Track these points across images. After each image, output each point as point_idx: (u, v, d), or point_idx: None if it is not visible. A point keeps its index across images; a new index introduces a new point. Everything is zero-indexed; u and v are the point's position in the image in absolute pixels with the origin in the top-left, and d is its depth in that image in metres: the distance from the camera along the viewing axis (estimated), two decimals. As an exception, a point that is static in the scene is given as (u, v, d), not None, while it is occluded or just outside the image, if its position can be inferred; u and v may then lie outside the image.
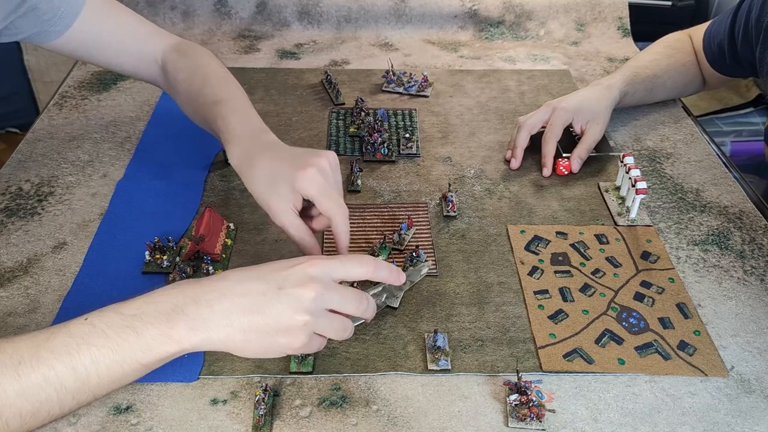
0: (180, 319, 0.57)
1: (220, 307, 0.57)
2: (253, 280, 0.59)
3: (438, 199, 0.95)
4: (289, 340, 0.58)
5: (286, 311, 0.57)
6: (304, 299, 0.57)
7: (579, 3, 1.42)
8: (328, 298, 0.59)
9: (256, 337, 0.58)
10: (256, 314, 0.57)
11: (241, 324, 0.57)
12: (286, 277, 0.58)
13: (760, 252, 0.88)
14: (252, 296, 0.58)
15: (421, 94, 1.20)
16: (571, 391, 0.70)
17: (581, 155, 1.00)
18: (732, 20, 1.03)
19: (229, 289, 0.58)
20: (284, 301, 0.57)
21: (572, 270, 0.84)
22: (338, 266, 0.61)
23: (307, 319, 0.57)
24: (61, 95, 1.18)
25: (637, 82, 1.08)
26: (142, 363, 0.57)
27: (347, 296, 0.61)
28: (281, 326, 0.57)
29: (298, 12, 1.40)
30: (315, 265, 0.59)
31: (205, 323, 0.57)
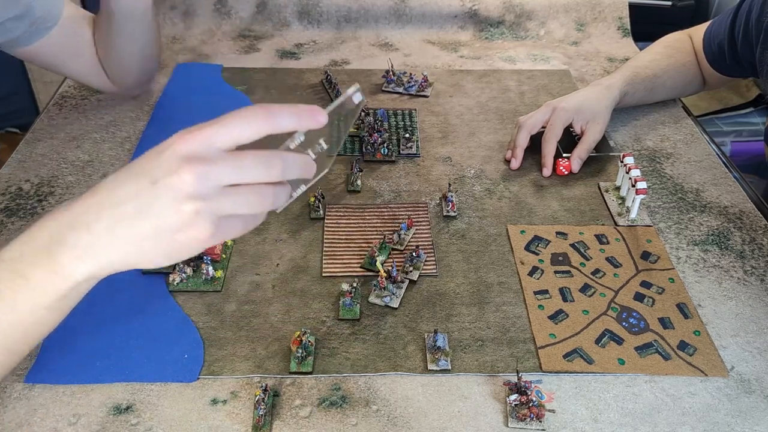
0: (61, 251, 0.50)
1: (98, 226, 0.49)
2: (124, 184, 0.50)
3: (438, 199, 0.95)
4: (191, 235, 0.49)
5: (168, 206, 0.48)
6: (182, 185, 0.48)
7: (579, 3, 1.42)
8: (215, 173, 0.48)
9: (152, 244, 0.50)
10: (137, 220, 0.49)
11: (127, 236, 0.49)
12: (158, 166, 0.49)
13: (760, 252, 0.88)
14: (126, 202, 0.49)
15: (421, 94, 1.20)
16: (571, 391, 0.70)
17: (581, 155, 1.00)
18: (732, 20, 1.03)
19: (102, 201, 0.50)
20: (161, 194, 0.48)
21: (572, 270, 0.84)
22: (216, 132, 0.49)
23: (197, 206, 0.48)
24: (61, 95, 1.18)
25: (637, 82, 1.08)
26: (42, 306, 0.52)
27: (244, 162, 0.49)
28: (172, 224, 0.49)
29: (298, 12, 1.40)
30: (186, 140, 0.49)
31: (90, 248, 0.50)
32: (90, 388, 0.69)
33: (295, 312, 0.78)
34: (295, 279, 0.82)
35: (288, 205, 0.55)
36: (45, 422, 0.66)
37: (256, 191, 0.50)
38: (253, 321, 0.77)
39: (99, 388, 0.69)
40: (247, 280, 0.82)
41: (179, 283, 0.80)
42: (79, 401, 0.68)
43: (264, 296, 0.80)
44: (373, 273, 0.82)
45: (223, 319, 0.77)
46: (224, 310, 0.78)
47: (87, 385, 0.69)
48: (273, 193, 0.51)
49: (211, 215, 0.49)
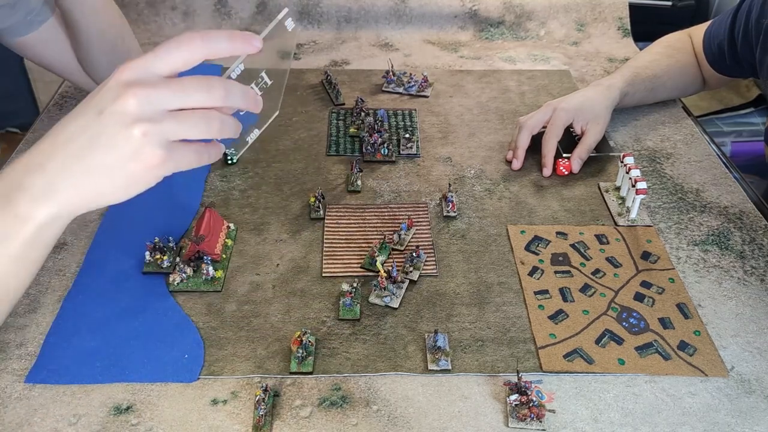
0: (19, 196, 0.50)
1: (52, 165, 0.49)
2: (71, 121, 0.50)
3: (438, 199, 0.95)
4: (143, 162, 0.49)
5: (116, 132, 0.48)
6: (126, 109, 0.48)
7: (579, 3, 1.42)
8: (158, 96, 0.48)
9: (107, 175, 0.49)
10: (88, 152, 0.49)
11: (81, 170, 0.49)
12: (102, 98, 0.49)
13: (760, 252, 0.88)
14: (76, 137, 0.49)
15: (421, 94, 1.20)
16: (571, 391, 0.70)
17: (581, 155, 1.00)
18: (732, 21, 1.03)
19: (54, 141, 0.50)
20: (108, 122, 0.48)
21: (572, 270, 0.84)
22: (155, 58, 0.49)
23: (144, 129, 0.48)
24: (61, 95, 1.18)
25: (637, 83, 1.08)
26: (9, 255, 0.51)
27: (185, 86, 0.49)
28: (122, 150, 0.48)
29: (298, 12, 1.40)
30: (127, 68, 0.49)
31: (47, 188, 0.50)
32: (90, 388, 0.69)
33: (295, 312, 0.78)
34: (295, 279, 0.82)
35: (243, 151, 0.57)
36: (45, 422, 0.66)
37: (201, 114, 0.50)
38: (254, 321, 0.77)
39: (99, 388, 0.69)
40: (247, 280, 0.82)
41: (179, 283, 0.80)
42: (79, 401, 0.68)
43: (264, 296, 0.80)
44: (373, 273, 0.82)
45: (223, 319, 0.77)
46: (224, 310, 0.78)
47: (87, 385, 0.69)
48: (219, 119, 0.51)
49: (159, 138, 0.49)
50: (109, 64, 1.06)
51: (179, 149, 0.51)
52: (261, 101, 0.55)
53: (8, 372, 0.71)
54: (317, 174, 1.00)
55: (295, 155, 1.04)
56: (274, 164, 1.02)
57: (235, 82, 0.53)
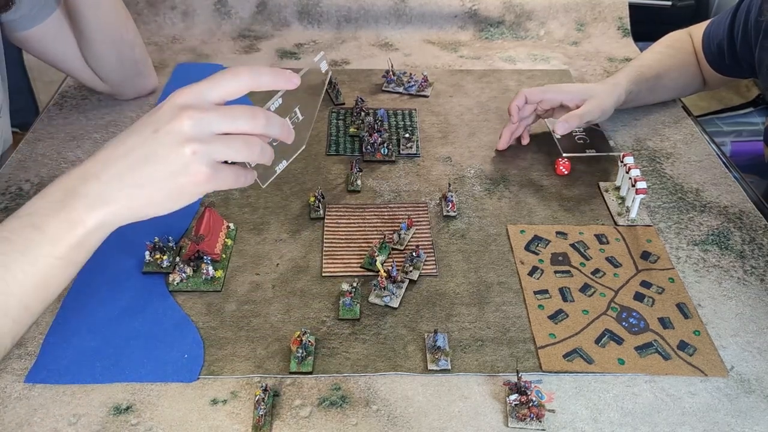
0: (75, 202, 0.55)
1: (107, 175, 0.55)
2: (128, 137, 0.56)
3: (438, 199, 0.95)
4: (190, 176, 0.55)
5: (169, 149, 0.54)
6: (181, 129, 0.54)
7: (579, 3, 1.42)
8: (209, 120, 0.54)
9: (156, 188, 0.55)
10: (143, 166, 0.54)
11: (134, 182, 0.55)
12: (159, 118, 0.55)
13: (760, 252, 0.88)
14: (132, 151, 0.55)
15: (421, 94, 1.20)
16: (571, 391, 0.70)
17: (569, 120, 0.95)
18: (731, 20, 1.03)
19: (110, 154, 0.56)
20: (163, 140, 0.54)
21: (572, 270, 0.84)
22: (208, 87, 0.56)
23: (194, 148, 0.54)
24: (61, 95, 1.18)
25: (642, 82, 1.07)
26: (56, 256, 0.55)
27: (233, 113, 0.56)
28: (173, 166, 0.54)
29: (298, 12, 1.40)
30: (182, 94, 0.55)
31: (100, 196, 0.55)
32: (90, 388, 0.69)
33: (295, 312, 0.78)
34: (295, 279, 0.82)
35: (271, 181, 0.64)
36: (45, 422, 0.66)
37: (244, 140, 0.56)
38: (253, 321, 0.77)
39: (99, 388, 0.69)
40: (247, 280, 0.82)
41: (179, 283, 0.80)
42: (79, 401, 0.68)
43: (264, 296, 0.80)
44: (373, 273, 0.82)
45: (223, 319, 0.77)
46: (224, 310, 0.78)
47: (87, 385, 0.69)
48: (260, 145, 0.57)
49: (207, 157, 0.54)
50: (113, 58, 1.07)
51: (222, 169, 0.56)
52: (293, 133, 0.60)
53: (8, 372, 0.71)
54: (317, 174, 1.00)
55: (295, 155, 1.04)
56: (274, 164, 1.02)
57: (275, 114, 0.59)
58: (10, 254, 0.54)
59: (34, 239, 0.54)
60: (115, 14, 1.03)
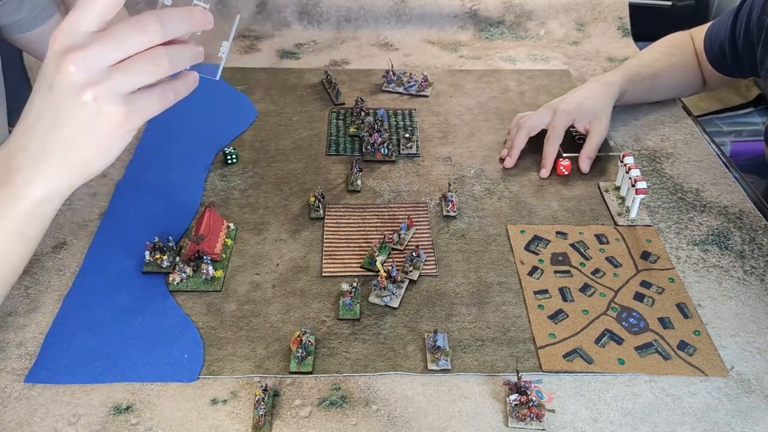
0: (12, 177, 0.52)
1: (32, 144, 0.51)
2: (33, 100, 0.51)
3: (438, 199, 0.95)
4: (107, 122, 0.49)
5: (69, 104, 0.49)
6: (70, 80, 0.48)
7: (579, 3, 1.42)
8: (92, 56, 0.48)
9: (81, 146, 0.51)
10: (55, 129, 0.50)
11: (56, 146, 0.51)
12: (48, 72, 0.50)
13: (760, 252, 0.88)
14: (40, 116, 0.51)
15: (421, 94, 1.20)
16: (571, 391, 0.70)
17: (590, 155, 1.00)
18: (733, 20, 1.03)
19: (25, 124, 0.52)
20: (59, 96, 0.49)
21: (572, 270, 0.84)
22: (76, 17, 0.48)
23: (93, 92, 0.48)
24: (61, 95, 1.18)
25: (637, 81, 1.08)
26: (7, 232, 0.53)
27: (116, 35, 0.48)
28: (82, 119, 0.49)
29: (298, 12, 1.40)
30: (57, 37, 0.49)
31: (35, 167, 0.52)
32: (90, 388, 0.69)
33: (295, 312, 0.78)
34: (295, 279, 0.82)
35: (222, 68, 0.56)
36: (45, 422, 0.66)
37: (145, 57, 0.49)
38: (253, 321, 0.77)
39: (99, 388, 0.69)
40: (247, 280, 0.82)
41: (179, 283, 0.80)
42: (79, 401, 0.68)
43: (264, 296, 0.80)
44: (373, 273, 0.82)
45: (223, 319, 0.77)
46: (224, 310, 0.78)
47: (87, 385, 0.69)
48: (167, 55, 0.50)
49: (112, 95, 0.49)
50: None
51: (139, 99, 0.50)
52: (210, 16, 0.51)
53: (8, 371, 0.71)
54: (317, 174, 1.00)
55: (295, 155, 1.04)
56: (274, 164, 1.02)
57: (170, 9, 0.50)
58: None
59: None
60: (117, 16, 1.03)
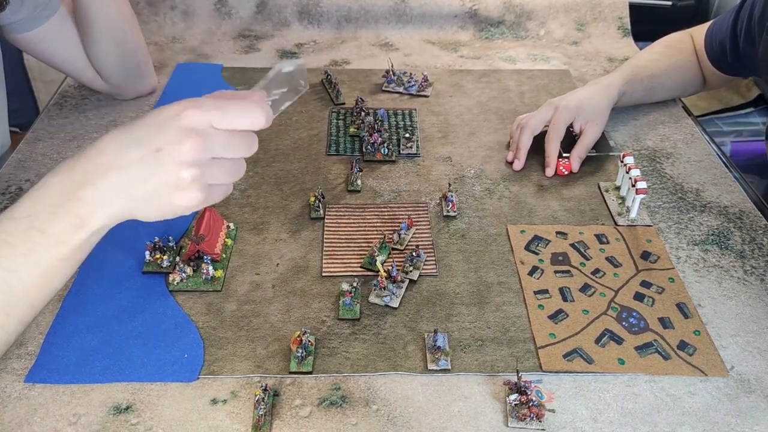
0: (77, 206, 0.55)
1: (105, 184, 0.55)
2: (129, 148, 0.55)
3: (438, 199, 0.95)
4: (182, 199, 0.56)
5: (169, 172, 0.55)
6: (184, 154, 0.54)
7: (579, 3, 1.42)
8: (210, 146, 0.55)
9: (151, 203, 0.56)
10: (140, 184, 0.55)
11: (130, 195, 0.56)
12: (161, 135, 0.55)
13: (760, 252, 0.88)
14: (132, 166, 0.55)
15: (421, 94, 1.20)
16: (571, 391, 0.70)
17: (581, 155, 1.00)
18: (734, 19, 1.03)
19: (108, 163, 0.55)
20: (164, 161, 0.54)
21: (572, 270, 0.84)
22: (217, 116, 0.56)
23: (194, 174, 0.55)
24: (61, 95, 1.18)
25: (636, 82, 1.08)
26: (60, 258, 0.56)
27: (233, 141, 0.57)
28: (170, 188, 0.55)
29: (298, 12, 1.40)
30: (191, 115, 0.55)
31: (99, 202, 0.56)
32: (90, 388, 0.69)
33: (295, 312, 0.78)
34: (295, 279, 0.82)
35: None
36: (45, 422, 0.66)
37: (236, 164, 0.59)
38: (253, 321, 0.77)
39: (99, 388, 0.69)
40: (247, 279, 0.82)
41: (179, 282, 0.80)
42: (79, 401, 0.68)
43: (264, 296, 0.80)
44: (373, 273, 0.82)
45: (223, 318, 0.77)
46: (224, 309, 0.78)
47: (87, 385, 0.69)
48: (245, 166, 0.60)
49: (203, 182, 0.56)
50: (117, 58, 1.07)
51: (213, 191, 0.58)
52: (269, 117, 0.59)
53: (8, 371, 0.71)
54: (317, 173, 1.00)
55: (295, 155, 1.04)
56: (274, 164, 1.02)
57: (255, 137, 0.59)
58: (14, 258, 0.55)
59: (38, 242, 0.55)
60: (122, 15, 1.03)
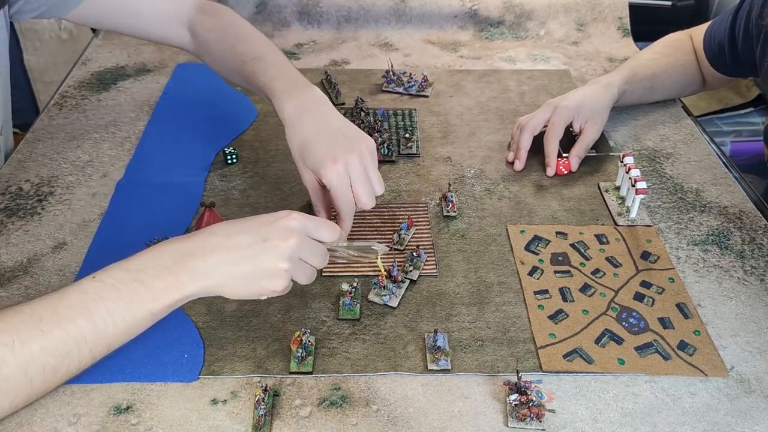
0: (181, 271, 0.63)
1: (212, 259, 0.64)
2: (239, 234, 0.65)
3: (438, 199, 0.95)
4: (272, 283, 0.65)
5: (270, 260, 0.64)
6: (285, 250, 0.64)
7: (579, 3, 1.42)
8: (303, 249, 0.66)
9: (245, 282, 0.65)
10: (243, 264, 0.64)
11: (232, 273, 0.64)
12: (271, 231, 0.65)
13: (760, 252, 0.88)
14: (240, 249, 0.64)
15: (421, 94, 1.20)
16: (571, 391, 0.70)
17: (579, 154, 1.00)
18: (732, 20, 1.03)
19: (219, 243, 0.65)
20: (268, 251, 0.64)
21: (572, 270, 0.84)
22: (315, 226, 0.68)
23: (287, 267, 0.65)
24: (61, 95, 1.18)
25: (635, 81, 1.08)
26: (152, 311, 0.63)
27: (317, 250, 0.68)
28: (266, 273, 0.65)
29: (298, 12, 1.40)
30: (295, 219, 0.67)
31: (202, 273, 0.64)
32: (90, 388, 0.69)
33: (295, 312, 0.78)
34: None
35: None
36: (45, 422, 0.66)
37: (312, 269, 0.68)
38: (253, 321, 0.77)
39: (99, 388, 0.69)
40: (247, 280, 0.82)
41: (179, 283, 0.80)
42: (79, 401, 0.68)
43: (264, 296, 0.80)
44: (373, 272, 0.82)
45: (223, 319, 0.77)
46: (224, 310, 0.78)
47: (87, 385, 0.69)
48: (315, 275, 0.69)
49: (290, 275, 0.66)
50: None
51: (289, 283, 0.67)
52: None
53: (8, 372, 0.71)
54: (317, 174, 1.00)
55: (295, 155, 1.04)
56: (274, 164, 1.02)
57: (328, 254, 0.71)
58: (117, 302, 0.62)
59: (140, 294, 0.62)
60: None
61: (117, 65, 1.27)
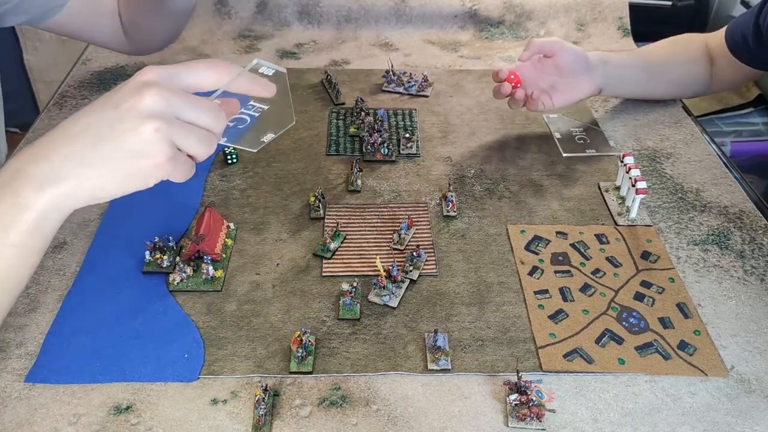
0: (22, 183, 0.50)
1: (58, 155, 0.51)
2: (86, 115, 0.52)
3: (438, 199, 0.95)
4: (149, 158, 0.51)
5: (129, 125, 0.50)
6: (144, 105, 0.50)
7: (579, 3, 1.42)
8: (174, 101, 0.51)
9: (112, 167, 0.51)
10: (100, 143, 0.50)
11: (88, 161, 0.50)
12: (121, 95, 0.51)
13: (760, 252, 0.88)
14: (89, 129, 0.51)
15: (421, 94, 1.20)
16: (571, 390, 0.70)
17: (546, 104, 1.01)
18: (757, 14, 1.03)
19: (62, 134, 0.52)
20: (123, 116, 0.50)
21: (572, 270, 0.84)
22: (181, 69, 0.53)
23: (156, 125, 0.50)
24: (61, 95, 1.18)
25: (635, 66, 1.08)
26: (10, 244, 0.51)
27: (200, 105, 0.52)
28: (132, 143, 0.50)
29: (298, 12, 1.40)
30: (149, 72, 0.52)
31: (49, 176, 0.50)
32: (90, 388, 0.69)
33: (295, 312, 0.78)
34: (295, 279, 0.82)
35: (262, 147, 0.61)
36: (45, 422, 0.66)
37: (206, 135, 0.53)
38: (253, 321, 0.77)
39: (99, 388, 0.69)
40: (247, 279, 0.82)
41: (179, 282, 0.80)
42: (79, 401, 0.68)
43: (264, 296, 0.80)
44: (373, 272, 0.82)
45: (223, 318, 0.77)
46: (224, 309, 0.78)
47: (87, 385, 0.69)
48: (215, 142, 0.55)
49: (169, 138, 0.51)
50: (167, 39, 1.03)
51: (181, 157, 0.53)
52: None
53: (8, 371, 0.71)
54: (317, 174, 1.00)
55: (295, 155, 1.04)
56: (274, 164, 1.02)
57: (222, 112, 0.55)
58: None
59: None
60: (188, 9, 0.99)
61: (117, 65, 1.27)
